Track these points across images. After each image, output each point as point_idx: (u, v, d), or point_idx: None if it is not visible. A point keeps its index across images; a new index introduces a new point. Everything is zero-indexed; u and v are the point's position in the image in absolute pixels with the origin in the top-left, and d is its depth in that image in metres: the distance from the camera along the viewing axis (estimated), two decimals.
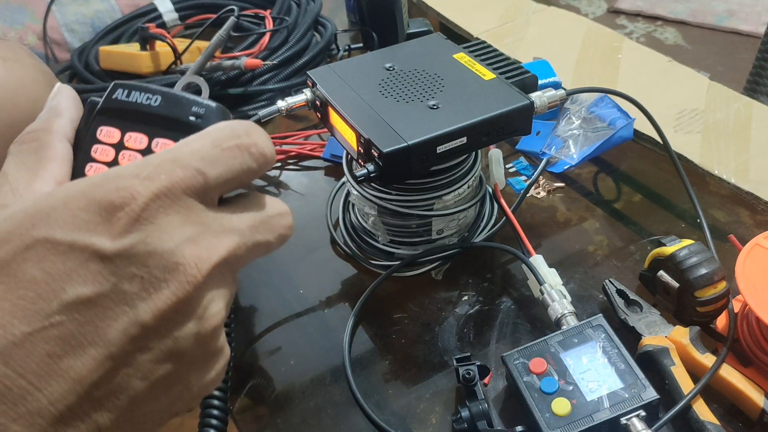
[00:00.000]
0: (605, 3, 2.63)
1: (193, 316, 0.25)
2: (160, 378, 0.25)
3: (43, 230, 0.23)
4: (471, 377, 0.46)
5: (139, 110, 0.31)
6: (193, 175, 0.25)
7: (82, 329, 0.23)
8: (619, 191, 0.69)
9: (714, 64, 2.14)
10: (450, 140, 0.51)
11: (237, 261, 0.27)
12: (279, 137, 0.78)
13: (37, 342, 0.22)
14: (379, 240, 0.60)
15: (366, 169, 0.50)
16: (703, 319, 0.51)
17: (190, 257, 0.25)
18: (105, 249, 0.23)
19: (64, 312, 0.22)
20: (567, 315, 0.50)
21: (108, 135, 0.30)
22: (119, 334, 0.23)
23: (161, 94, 0.31)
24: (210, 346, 0.26)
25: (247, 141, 0.27)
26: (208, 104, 0.31)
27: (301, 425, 0.50)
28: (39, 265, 0.23)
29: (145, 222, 0.24)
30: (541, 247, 0.62)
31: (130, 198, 0.24)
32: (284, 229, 0.29)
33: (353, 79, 0.57)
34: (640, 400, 0.43)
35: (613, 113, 0.70)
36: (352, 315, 0.55)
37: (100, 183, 0.24)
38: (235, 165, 0.27)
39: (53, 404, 0.22)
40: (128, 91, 0.31)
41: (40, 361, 0.22)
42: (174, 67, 0.86)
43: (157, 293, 0.24)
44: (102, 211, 0.23)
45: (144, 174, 0.24)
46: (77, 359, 0.23)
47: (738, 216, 0.63)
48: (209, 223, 0.26)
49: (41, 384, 0.22)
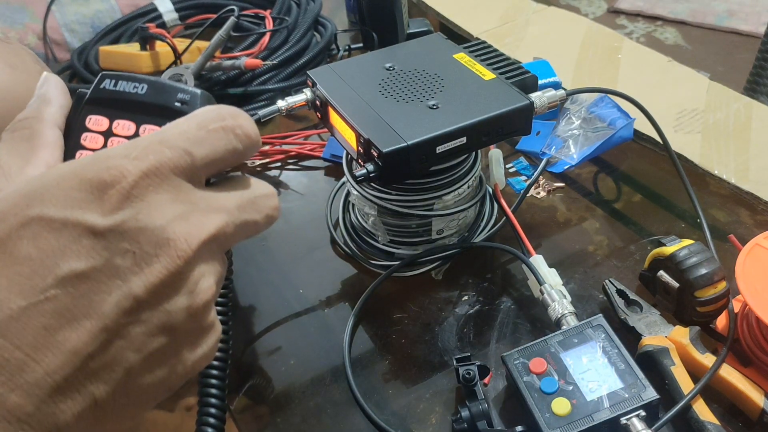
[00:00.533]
0: (605, 3, 2.63)
1: (184, 290, 0.26)
2: (153, 351, 0.25)
3: (37, 209, 0.24)
4: (471, 377, 0.46)
5: (127, 98, 0.32)
6: (181, 155, 0.26)
7: (77, 302, 0.23)
8: (619, 191, 0.69)
9: (714, 64, 2.14)
10: (449, 140, 0.51)
11: (225, 239, 0.28)
12: (279, 137, 0.78)
13: (33, 315, 0.23)
14: (379, 240, 0.60)
15: (365, 169, 0.50)
16: (703, 319, 0.51)
17: (180, 233, 0.25)
18: (97, 225, 0.24)
19: (58, 286, 0.23)
20: (567, 315, 0.50)
21: (97, 123, 0.32)
22: (113, 307, 0.24)
23: (147, 82, 0.32)
24: (201, 320, 0.27)
25: (231, 123, 0.28)
26: (193, 91, 0.32)
27: (301, 425, 0.50)
28: (34, 242, 0.23)
29: (135, 199, 0.25)
30: (541, 247, 0.62)
31: (120, 176, 0.24)
32: (270, 210, 0.30)
33: (353, 79, 0.57)
34: (640, 400, 0.43)
35: (613, 113, 0.70)
36: (352, 315, 0.55)
37: (91, 163, 0.25)
38: (220, 146, 0.28)
39: (50, 375, 0.23)
40: (115, 81, 0.32)
41: (37, 333, 0.23)
42: (174, 67, 0.86)
43: (148, 267, 0.24)
44: (93, 189, 0.24)
45: (133, 154, 0.25)
46: (72, 332, 0.23)
47: (738, 216, 0.63)
48: (197, 202, 0.27)
49: (38, 356, 0.23)
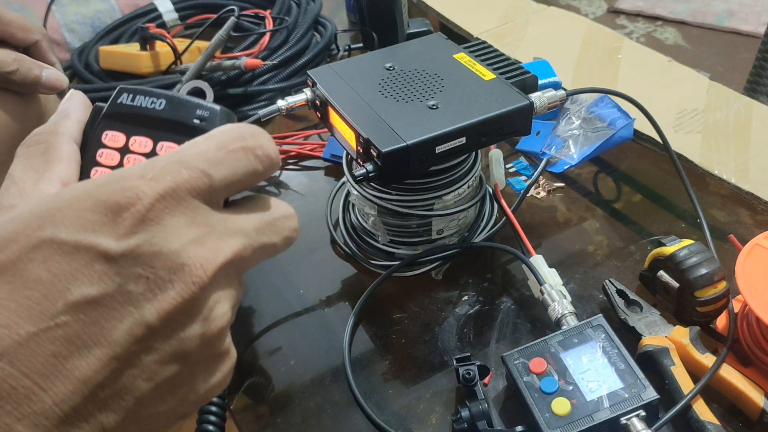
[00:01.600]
0: (605, 3, 2.63)
1: (199, 317, 0.25)
2: (165, 379, 0.25)
3: (49, 230, 0.23)
4: (471, 377, 0.46)
5: (144, 114, 0.31)
6: (199, 176, 0.26)
7: (88, 330, 0.23)
8: (619, 191, 0.69)
9: (714, 64, 2.14)
10: (449, 140, 0.51)
11: (243, 262, 0.27)
12: (279, 137, 0.78)
13: (42, 342, 0.22)
14: (379, 240, 0.60)
15: (365, 169, 0.50)
16: (703, 319, 0.51)
17: (196, 258, 0.25)
18: (110, 249, 0.23)
19: (69, 312, 0.23)
20: (567, 315, 0.50)
21: (113, 139, 0.31)
22: (124, 334, 0.23)
23: (166, 97, 0.31)
24: (216, 347, 0.26)
25: (252, 143, 0.27)
26: (212, 107, 0.31)
27: (302, 425, 0.50)
28: (44, 265, 0.23)
29: (151, 222, 0.24)
30: (541, 247, 0.62)
31: (136, 198, 0.24)
32: (290, 232, 0.29)
33: (353, 79, 0.57)
34: (640, 400, 0.43)
35: (613, 113, 0.70)
36: (352, 315, 0.55)
37: (106, 183, 0.24)
38: (240, 167, 0.27)
39: (58, 405, 0.22)
40: (133, 96, 0.31)
41: (45, 361, 0.22)
42: (174, 67, 0.86)
43: (162, 294, 0.24)
44: (107, 211, 0.24)
45: (149, 175, 0.25)
46: (82, 360, 0.23)
47: (738, 216, 0.63)
48: (215, 225, 0.26)
49: (46, 384, 0.22)
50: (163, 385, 0.25)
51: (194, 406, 0.27)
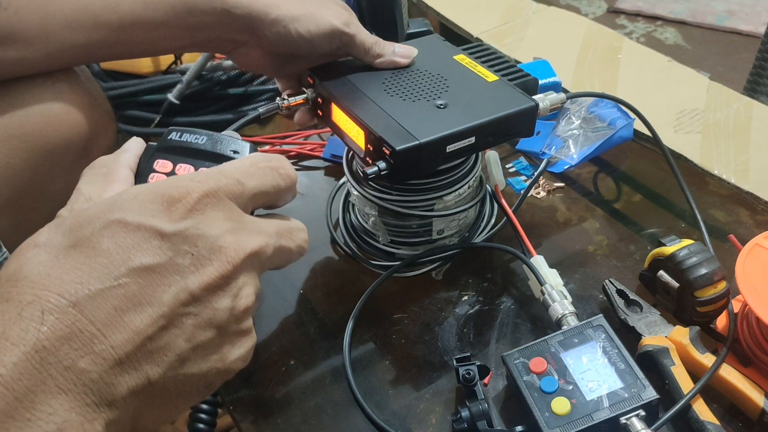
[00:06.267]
0: (605, 3, 2.63)
1: (230, 292, 0.31)
2: (201, 343, 0.30)
3: (117, 214, 0.29)
4: (471, 377, 0.46)
5: (189, 147, 0.39)
6: (234, 183, 0.33)
7: (143, 291, 0.28)
8: (619, 191, 0.69)
9: (714, 64, 2.14)
10: (460, 139, 0.51)
11: (266, 257, 0.33)
12: (279, 137, 0.78)
13: (107, 297, 0.27)
14: (379, 240, 0.60)
15: (377, 167, 0.50)
16: (703, 319, 0.51)
17: (231, 243, 0.31)
18: (165, 229, 0.29)
19: (129, 275, 0.28)
20: (567, 315, 0.50)
21: (163, 166, 0.39)
22: (172, 297, 0.29)
23: (207, 135, 0.40)
24: (241, 323, 0.32)
25: (277, 164, 0.35)
26: (243, 144, 0.40)
27: (302, 425, 0.50)
28: (113, 239, 0.29)
29: (197, 212, 0.30)
30: (542, 247, 0.62)
31: (186, 193, 0.31)
32: (302, 241, 0.36)
33: (357, 77, 0.57)
34: (640, 399, 0.44)
35: (613, 113, 0.70)
36: (353, 315, 0.55)
37: (163, 183, 0.31)
38: (267, 180, 0.34)
39: (114, 349, 0.27)
40: (180, 134, 0.40)
41: (108, 313, 0.27)
42: (174, 67, 0.86)
43: (203, 268, 0.30)
44: (164, 202, 0.30)
45: (197, 179, 0.32)
46: (137, 315, 0.28)
47: (738, 216, 0.63)
48: (245, 223, 0.32)
49: (107, 331, 0.27)
50: (198, 348, 0.30)
51: (220, 376, 0.31)
